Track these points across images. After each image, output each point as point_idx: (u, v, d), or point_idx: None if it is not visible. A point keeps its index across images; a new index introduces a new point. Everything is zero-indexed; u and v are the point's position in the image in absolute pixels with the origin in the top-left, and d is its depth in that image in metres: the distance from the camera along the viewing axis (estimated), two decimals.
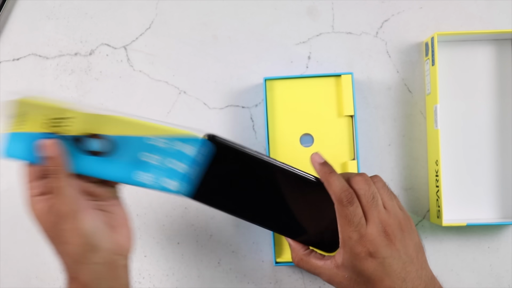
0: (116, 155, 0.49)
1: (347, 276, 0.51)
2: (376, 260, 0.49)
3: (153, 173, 0.50)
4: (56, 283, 0.68)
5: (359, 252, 0.50)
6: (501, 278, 0.68)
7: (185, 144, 0.49)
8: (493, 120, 0.68)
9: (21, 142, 0.48)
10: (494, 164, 0.67)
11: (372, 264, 0.49)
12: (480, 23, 0.69)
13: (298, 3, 0.69)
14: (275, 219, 0.53)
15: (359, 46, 0.69)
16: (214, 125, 0.68)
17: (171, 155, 0.50)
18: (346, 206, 0.50)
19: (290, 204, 0.52)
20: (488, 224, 0.66)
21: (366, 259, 0.50)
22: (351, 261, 0.50)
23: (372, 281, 0.50)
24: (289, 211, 0.53)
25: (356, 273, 0.50)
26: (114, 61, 0.69)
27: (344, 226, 0.50)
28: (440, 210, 0.64)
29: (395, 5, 0.69)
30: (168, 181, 0.50)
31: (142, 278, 0.68)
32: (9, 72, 0.69)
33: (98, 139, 0.49)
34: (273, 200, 0.52)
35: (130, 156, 0.50)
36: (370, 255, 0.50)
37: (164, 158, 0.50)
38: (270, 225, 0.53)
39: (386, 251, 0.50)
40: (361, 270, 0.50)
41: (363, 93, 0.68)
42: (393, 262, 0.50)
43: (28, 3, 0.69)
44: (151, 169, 0.50)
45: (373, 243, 0.50)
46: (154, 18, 0.69)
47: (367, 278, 0.50)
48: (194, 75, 0.69)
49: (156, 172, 0.50)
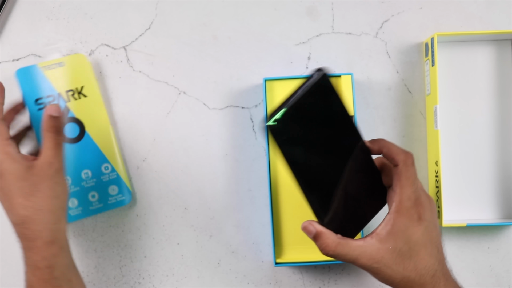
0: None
1: (392, 247, 0.51)
2: (422, 224, 0.51)
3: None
4: None
5: (413, 214, 0.51)
6: (501, 278, 0.68)
7: None
8: (493, 120, 0.67)
9: None
10: (494, 164, 0.67)
11: (420, 228, 0.51)
12: (480, 23, 0.69)
13: (298, 4, 0.69)
14: (325, 189, 0.51)
15: (359, 46, 0.69)
16: (214, 125, 0.68)
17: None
18: (410, 166, 0.51)
19: (344, 179, 0.51)
20: (488, 225, 0.66)
21: (417, 222, 0.51)
22: (402, 226, 0.51)
23: (416, 249, 0.51)
24: (341, 187, 0.51)
25: (403, 241, 0.51)
26: (114, 61, 0.69)
27: (406, 187, 0.51)
28: (440, 210, 0.64)
29: (395, 6, 0.69)
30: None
31: (142, 278, 0.68)
32: (9, 72, 0.69)
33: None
34: (334, 166, 0.51)
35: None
36: (420, 218, 0.51)
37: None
38: (316, 194, 0.51)
39: (429, 215, 0.52)
40: (409, 235, 0.51)
41: (363, 93, 0.68)
42: (433, 229, 0.52)
43: (28, 3, 0.69)
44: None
45: (423, 206, 0.52)
46: (154, 18, 0.69)
47: (412, 244, 0.51)
48: (194, 75, 0.69)
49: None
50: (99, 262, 0.68)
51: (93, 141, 0.66)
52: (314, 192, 0.51)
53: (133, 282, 0.68)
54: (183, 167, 0.68)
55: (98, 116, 0.66)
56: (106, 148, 0.66)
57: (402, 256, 0.51)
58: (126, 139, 0.68)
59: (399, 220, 0.51)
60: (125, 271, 0.68)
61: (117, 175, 0.67)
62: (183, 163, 0.68)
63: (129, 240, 0.68)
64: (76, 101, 0.66)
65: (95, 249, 0.68)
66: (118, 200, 0.67)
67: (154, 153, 0.68)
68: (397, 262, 0.51)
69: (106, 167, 0.66)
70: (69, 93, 0.66)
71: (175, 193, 0.68)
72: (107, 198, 0.66)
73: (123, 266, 0.68)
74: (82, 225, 0.68)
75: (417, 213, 0.51)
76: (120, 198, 0.67)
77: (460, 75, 0.68)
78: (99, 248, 0.68)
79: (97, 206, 0.66)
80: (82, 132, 0.66)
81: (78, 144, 0.66)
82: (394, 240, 0.51)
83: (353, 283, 0.68)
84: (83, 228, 0.68)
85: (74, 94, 0.66)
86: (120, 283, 0.68)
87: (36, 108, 0.64)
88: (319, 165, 0.50)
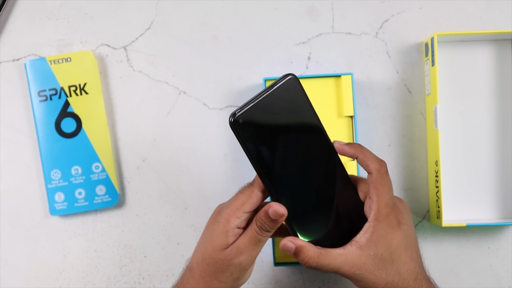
0: None
1: (373, 253, 0.51)
2: (402, 229, 0.51)
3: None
4: (55, 283, 0.68)
5: (392, 220, 0.51)
6: (501, 278, 0.68)
7: None
8: (493, 120, 0.67)
9: None
10: (494, 164, 0.67)
11: (400, 233, 0.51)
12: (480, 23, 0.69)
13: (298, 3, 0.69)
14: (297, 198, 0.51)
15: (359, 46, 0.69)
16: (214, 125, 0.68)
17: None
18: (385, 174, 0.51)
19: (313, 182, 0.51)
20: (488, 225, 0.66)
21: (396, 227, 0.51)
22: (382, 232, 0.51)
23: (398, 253, 0.51)
24: (315, 194, 0.51)
25: (384, 247, 0.51)
26: (114, 61, 0.69)
27: (383, 194, 0.51)
28: (440, 210, 0.64)
29: (395, 5, 0.69)
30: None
31: (142, 278, 0.68)
32: (9, 72, 0.69)
33: None
34: (301, 168, 0.50)
35: None
36: (399, 222, 0.51)
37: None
38: (288, 200, 0.50)
39: (407, 218, 0.53)
40: (390, 240, 0.51)
41: (363, 93, 0.68)
42: (411, 232, 0.53)
43: (28, 3, 0.69)
44: None
45: (400, 211, 0.52)
46: (154, 18, 0.69)
47: (393, 249, 0.51)
48: (194, 75, 0.69)
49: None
50: (99, 262, 0.68)
51: (88, 138, 0.67)
52: (280, 191, 0.50)
53: (133, 282, 0.68)
54: (183, 167, 0.68)
55: (96, 114, 0.67)
56: (100, 147, 0.67)
57: (384, 261, 0.51)
58: (126, 139, 0.68)
59: (379, 227, 0.51)
60: (125, 271, 0.68)
61: (107, 176, 0.67)
62: (183, 163, 0.68)
63: (129, 240, 0.68)
64: (78, 97, 0.67)
65: (95, 249, 0.68)
66: (104, 201, 0.67)
67: (154, 153, 0.68)
68: (380, 267, 0.50)
69: (96, 166, 0.67)
70: (71, 88, 0.67)
71: (175, 193, 0.68)
72: (94, 198, 0.67)
73: (123, 266, 0.68)
74: (82, 225, 0.68)
75: (396, 218, 0.51)
76: (106, 199, 0.67)
77: (460, 75, 0.68)
78: (99, 248, 0.68)
79: (82, 203, 0.67)
80: (79, 128, 0.67)
81: (72, 139, 0.67)
82: (375, 246, 0.51)
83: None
84: (83, 228, 0.68)
85: (76, 90, 0.67)
86: (120, 283, 0.68)
87: (38, 99, 0.66)
88: (284, 165, 0.50)
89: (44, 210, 0.68)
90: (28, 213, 0.68)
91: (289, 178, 0.50)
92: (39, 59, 0.67)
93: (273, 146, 0.50)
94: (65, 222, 0.68)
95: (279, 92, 0.49)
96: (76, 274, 0.68)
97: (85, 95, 0.67)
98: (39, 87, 0.66)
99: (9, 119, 0.68)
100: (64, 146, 0.66)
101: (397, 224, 0.51)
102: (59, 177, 0.66)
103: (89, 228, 0.68)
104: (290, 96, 0.50)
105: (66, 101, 0.67)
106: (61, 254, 0.68)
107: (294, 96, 0.50)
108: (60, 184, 0.66)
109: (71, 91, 0.67)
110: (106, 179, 0.67)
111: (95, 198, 0.67)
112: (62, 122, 0.67)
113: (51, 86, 0.66)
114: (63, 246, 0.68)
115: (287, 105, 0.50)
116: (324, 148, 0.51)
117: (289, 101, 0.50)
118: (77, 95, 0.67)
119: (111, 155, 0.67)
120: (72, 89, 0.67)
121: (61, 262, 0.68)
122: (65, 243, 0.68)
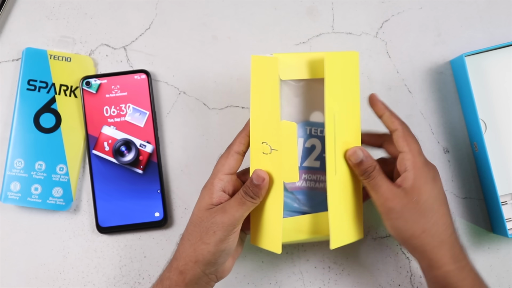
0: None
1: (416, 199, 0.52)
2: (437, 183, 0.54)
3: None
4: (55, 284, 0.68)
5: (428, 172, 0.54)
6: (502, 278, 0.68)
7: None
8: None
9: None
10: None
11: (437, 186, 0.54)
12: (480, 23, 0.69)
13: (298, 3, 0.69)
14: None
15: (359, 46, 0.69)
16: (214, 125, 0.68)
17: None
18: (409, 131, 0.55)
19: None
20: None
21: (432, 180, 0.53)
22: (423, 180, 0.53)
23: (437, 204, 0.53)
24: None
25: (426, 195, 0.53)
26: (114, 61, 0.69)
27: (414, 144, 0.55)
28: None
29: (395, 5, 0.69)
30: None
31: (141, 278, 0.68)
32: (9, 72, 0.69)
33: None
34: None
35: None
36: (434, 178, 0.54)
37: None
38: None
39: (439, 180, 0.55)
40: (430, 190, 0.53)
41: (363, 93, 0.68)
42: (444, 194, 0.54)
43: (28, 3, 0.69)
44: None
45: (434, 169, 0.55)
46: (154, 18, 0.69)
47: (433, 199, 0.53)
48: (194, 75, 0.69)
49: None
50: (99, 262, 0.68)
51: (61, 138, 0.67)
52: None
53: (133, 282, 0.68)
54: (183, 167, 0.68)
55: (76, 120, 0.67)
56: (71, 151, 0.67)
57: (425, 209, 0.52)
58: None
59: (419, 174, 0.52)
60: (125, 271, 0.68)
61: (68, 180, 0.67)
62: (183, 163, 0.68)
63: (129, 240, 0.68)
64: (65, 97, 0.67)
65: (95, 249, 0.68)
66: (58, 203, 0.66)
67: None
68: (421, 214, 0.52)
69: (61, 168, 0.67)
70: (62, 87, 0.67)
71: (175, 193, 0.68)
72: (48, 197, 0.66)
73: (123, 266, 0.68)
74: (82, 225, 0.68)
75: (431, 173, 0.53)
76: (60, 202, 0.66)
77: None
78: (99, 248, 0.68)
79: (35, 199, 0.66)
80: (57, 126, 0.67)
81: (47, 135, 0.67)
82: (418, 193, 0.52)
83: (353, 283, 0.68)
84: (83, 228, 0.68)
85: (67, 90, 0.67)
86: (120, 283, 0.68)
87: (26, 87, 0.66)
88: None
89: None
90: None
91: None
92: (40, 49, 0.67)
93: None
94: (65, 222, 0.68)
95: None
96: (76, 274, 0.68)
97: (73, 97, 0.67)
98: (31, 76, 0.67)
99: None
100: (36, 139, 0.66)
101: (433, 178, 0.53)
102: (21, 167, 0.66)
103: (89, 228, 0.68)
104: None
105: (53, 98, 0.67)
106: (60, 254, 0.68)
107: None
108: (19, 174, 0.66)
109: (62, 90, 0.67)
110: (67, 183, 0.66)
111: (49, 198, 0.66)
112: (42, 115, 0.66)
113: (43, 79, 0.67)
114: (63, 246, 0.68)
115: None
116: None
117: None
118: (66, 95, 0.67)
119: (79, 161, 0.67)
120: (63, 89, 0.67)
121: (60, 262, 0.68)
122: (65, 243, 0.68)
